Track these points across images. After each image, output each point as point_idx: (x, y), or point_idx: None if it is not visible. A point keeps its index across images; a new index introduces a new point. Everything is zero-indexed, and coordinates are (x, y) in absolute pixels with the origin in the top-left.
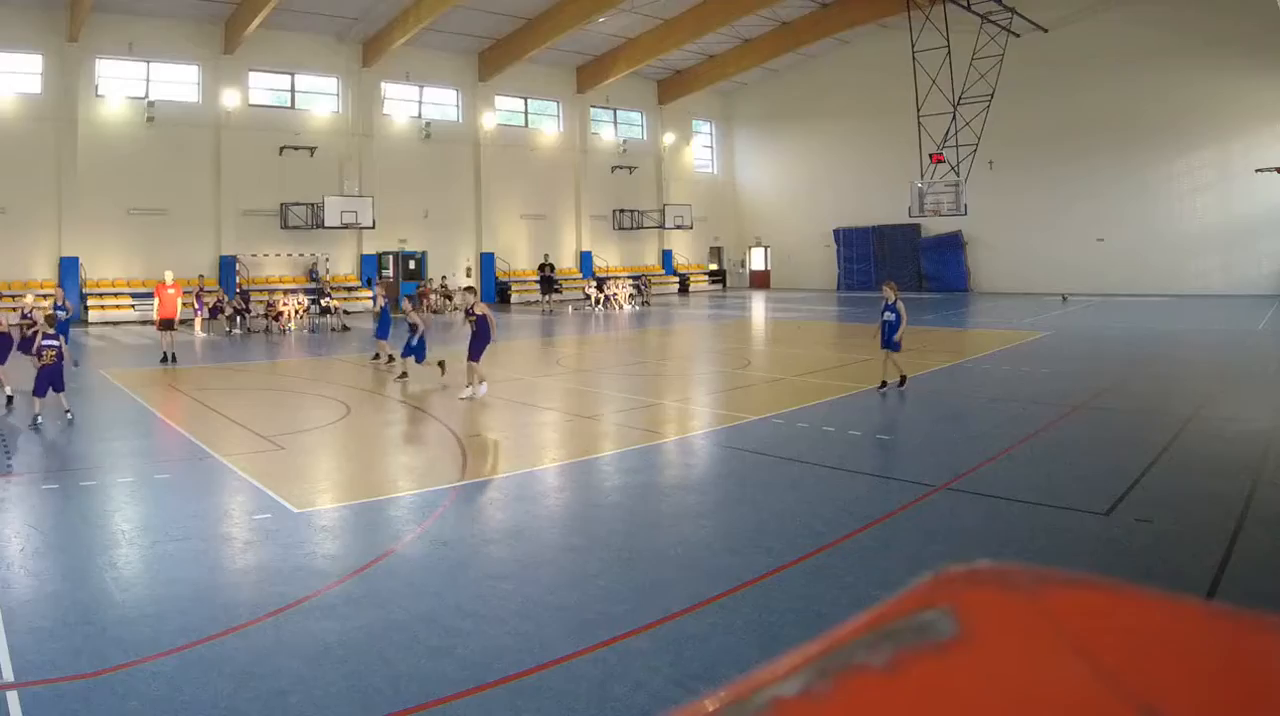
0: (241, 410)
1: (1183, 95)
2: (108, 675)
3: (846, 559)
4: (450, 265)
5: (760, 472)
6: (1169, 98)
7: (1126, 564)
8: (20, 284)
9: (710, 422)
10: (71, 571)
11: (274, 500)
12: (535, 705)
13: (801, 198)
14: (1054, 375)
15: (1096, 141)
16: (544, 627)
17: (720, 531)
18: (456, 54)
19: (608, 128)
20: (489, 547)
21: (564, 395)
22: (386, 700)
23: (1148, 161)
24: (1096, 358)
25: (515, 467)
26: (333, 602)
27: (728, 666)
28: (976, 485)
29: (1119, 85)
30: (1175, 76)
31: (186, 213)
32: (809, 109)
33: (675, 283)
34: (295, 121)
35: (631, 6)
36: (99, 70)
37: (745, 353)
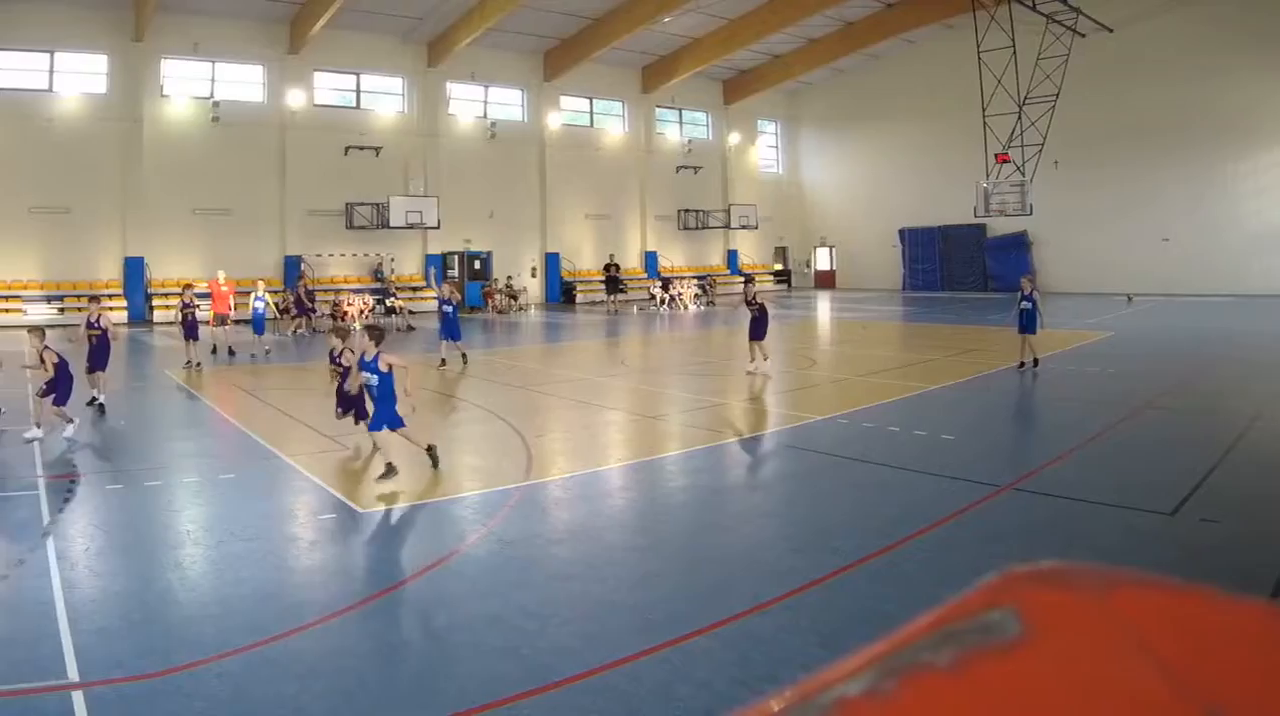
0: (307, 409)
1: (1248, 94)
2: (173, 675)
3: (911, 559)
4: (515, 265)
5: (825, 473)
6: (1234, 96)
7: (1192, 564)
8: (86, 284)
9: (775, 422)
10: (137, 571)
11: (339, 500)
12: (600, 705)
13: (867, 198)
14: (1119, 375)
15: (1162, 140)
16: (609, 628)
17: (785, 531)
18: (522, 54)
19: (673, 128)
20: (554, 548)
21: (628, 395)
22: (451, 700)
23: (1213, 161)
24: (1161, 357)
25: (580, 467)
26: (398, 603)
27: (792, 666)
28: (1042, 485)
29: (1184, 84)
30: (1240, 75)
31: (251, 213)
32: (874, 109)
33: (740, 283)
34: (360, 121)
35: (697, 6)
36: (164, 70)
37: (810, 352)
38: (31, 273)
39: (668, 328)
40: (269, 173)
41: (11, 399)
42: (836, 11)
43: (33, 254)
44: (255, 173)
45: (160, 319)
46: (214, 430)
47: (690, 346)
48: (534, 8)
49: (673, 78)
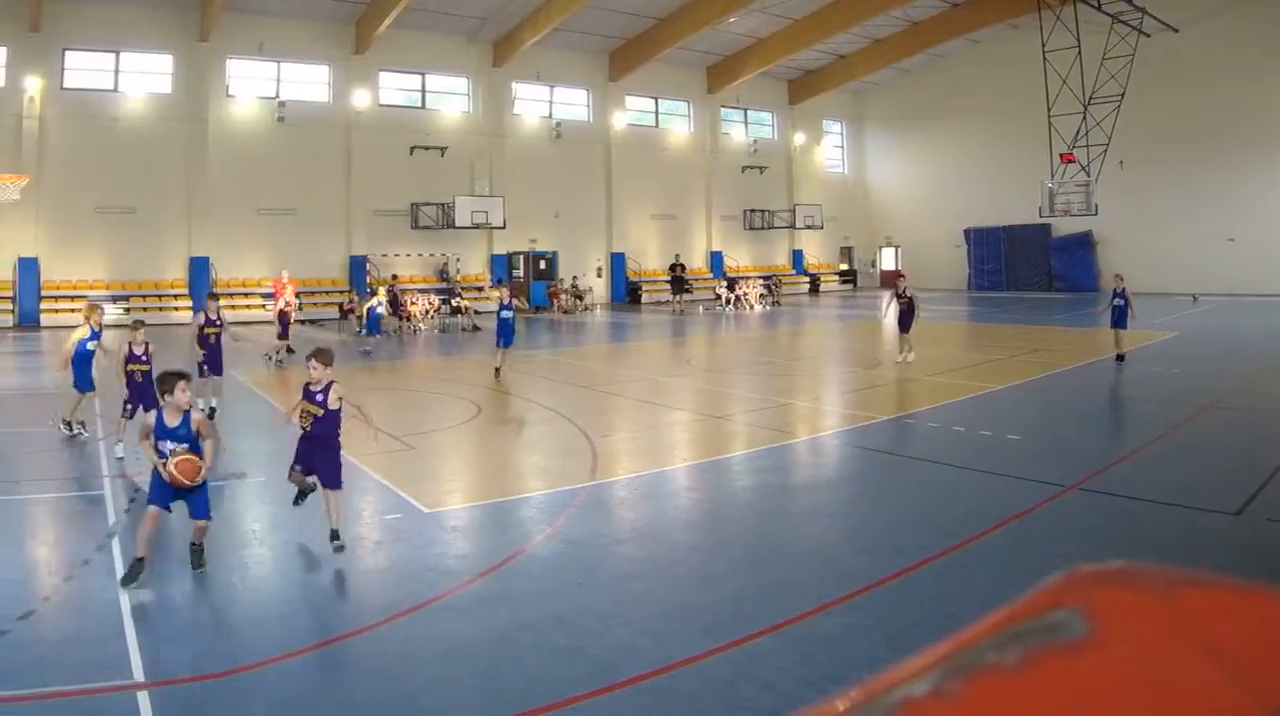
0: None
1: None
2: (237, 675)
3: (977, 559)
4: (581, 265)
5: (890, 472)
6: None
7: (1258, 564)
8: (151, 284)
9: (840, 422)
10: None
11: (404, 500)
12: (665, 705)
13: (932, 197)
14: (1184, 375)
15: (1227, 140)
16: (674, 628)
17: (850, 531)
18: (587, 54)
19: (738, 128)
20: (619, 547)
21: (694, 395)
22: (517, 700)
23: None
24: (1227, 358)
25: (645, 467)
26: (463, 603)
27: (858, 666)
28: (1107, 485)
29: (1249, 84)
30: None
31: (316, 213)
32: (939, 109)
33: (806, 283)
34: (426, 121)
35: (762, 6)
36: (229, 70)
37: (875, 352)
38: (97, 273)
39: (733, 328)
40: (334, 173)
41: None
42: (902, 11)
43: (98, 254)
44: (320, 173)
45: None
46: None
47: (755, 346)
48: (599, 7)
49: (738, 78)
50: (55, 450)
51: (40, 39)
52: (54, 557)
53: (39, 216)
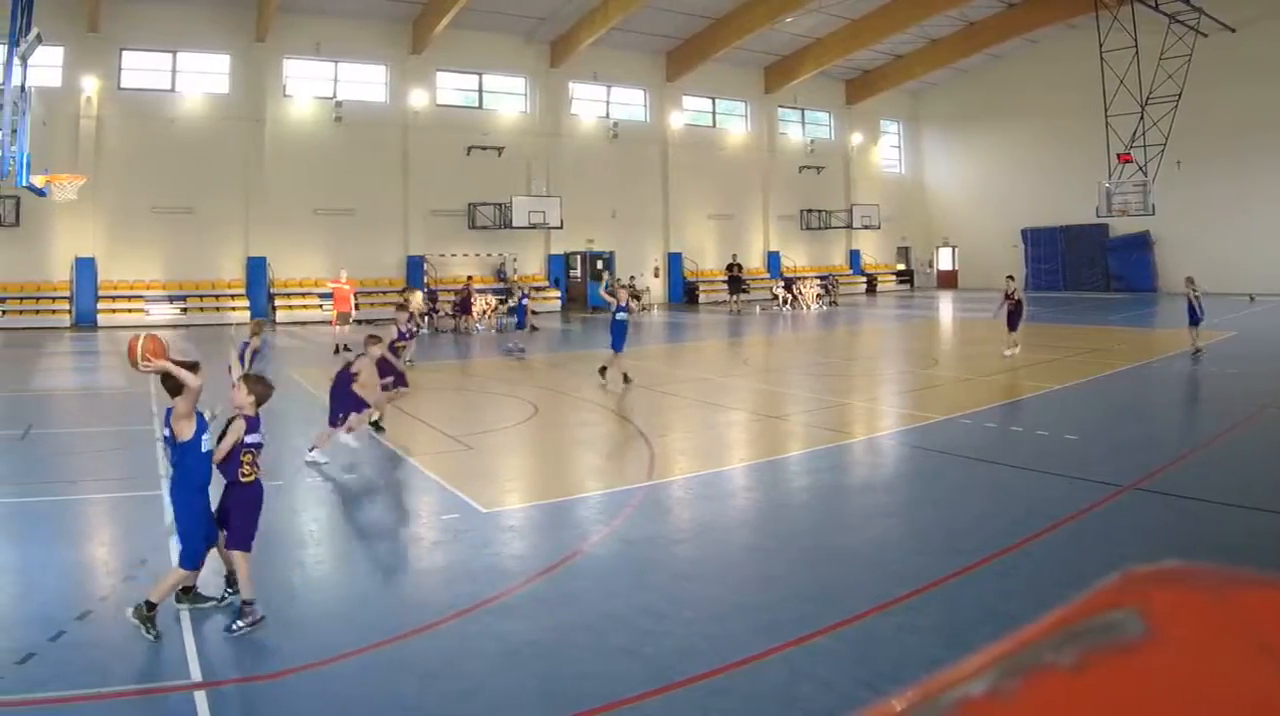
0: (429, 410)
1: None
2: (294, 675)
3: (1034, 559)
4: (638, 265)
5: (947, 473)
6: None
7: None
8: (209, 284)
9: (897, 422)
10: (259, 571)
11: (462, 500)
12: (722, 705)
13: (989, 198)
14: (1242, 375)
15: None
16: (731, 628)
17: (907, 531)
18: (644, 54)
19: (795, 128)
20: (676, 547)
21: (751, 395)
22: (573, 700)
23: None
24: None
25: (702, 467)
26: (520, 602)
27: (915, 666)
28: (1165, 485)
29: None
30: None
31: (374, 213)
32: (997, 109)
33: (863, 282)
34: (483, 121)
35: (819, 6)
36: (286, 70)
37: (932, 352)
38: (154, 273)
39: (790, 328)
40: (391, 173)
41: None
42: (959, 11)
43: (155, 254)
44: (378, 173)
45: (282, 319)
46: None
47: (812, 346)
48: (656, 7)
49: (795, 78)
50: (113, 450)
51: (98, 39)
52: (111, 557)
53: (96, 216)
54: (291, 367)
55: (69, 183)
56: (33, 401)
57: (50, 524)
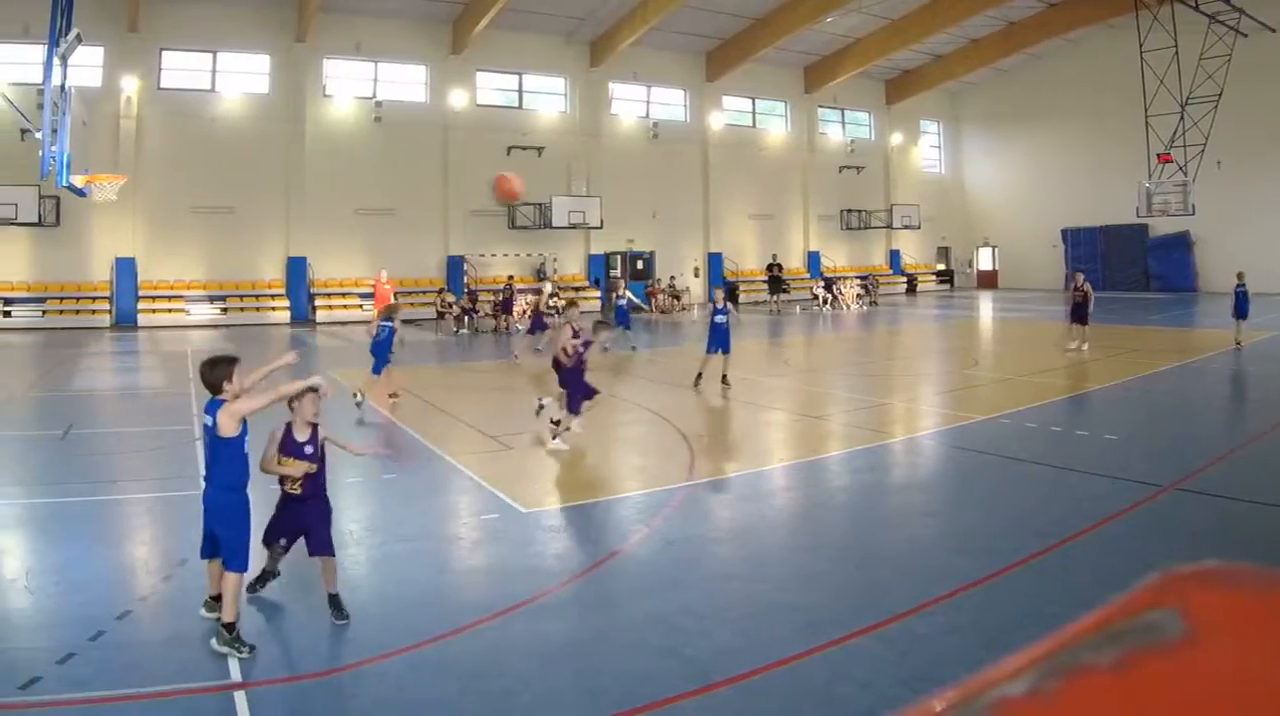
0: (469, 410)
1: None
2: (335, 675)
3: (1073, 559)
4: (678, 265)
5: (987, 472)
6: None
7: None
8: (249, 284)
9: (937, 422)
10: (298, 572)
11: (502, 500)
12: (761, 705)
13: (1028, 197)
14: None
15: None
16: (770, 628)
17: (947, 531)
18: (683, 54)
19: (835, 128)
20: (716, 547)
21: (791, 395)
22: (614, 700)
23: None
24: None
25: (742, 467)
26: (560, 602)
27: (954, 666)
28: (1205, 485)
29: None
30: None
31: (414, 213)
32: (1036, 109)
33: (903, 282)
34: (523, 121)
35: (859, 6)
36: (326, 70)
37: (972, 352)
38: (194, 273)
39: (830, 327)
40: (432, 173)
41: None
42: (999, 12)
43: (195, 254)
44: (418, 173)
45: (323, 319)
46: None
47: (852, 346)
48: (696, 8)
49: (835, 78)
50: (152, 450)
51: (138, 39)
52: (151, 557)
53: (136, 217)
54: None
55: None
56: (73, 401)
57: (90, 524)
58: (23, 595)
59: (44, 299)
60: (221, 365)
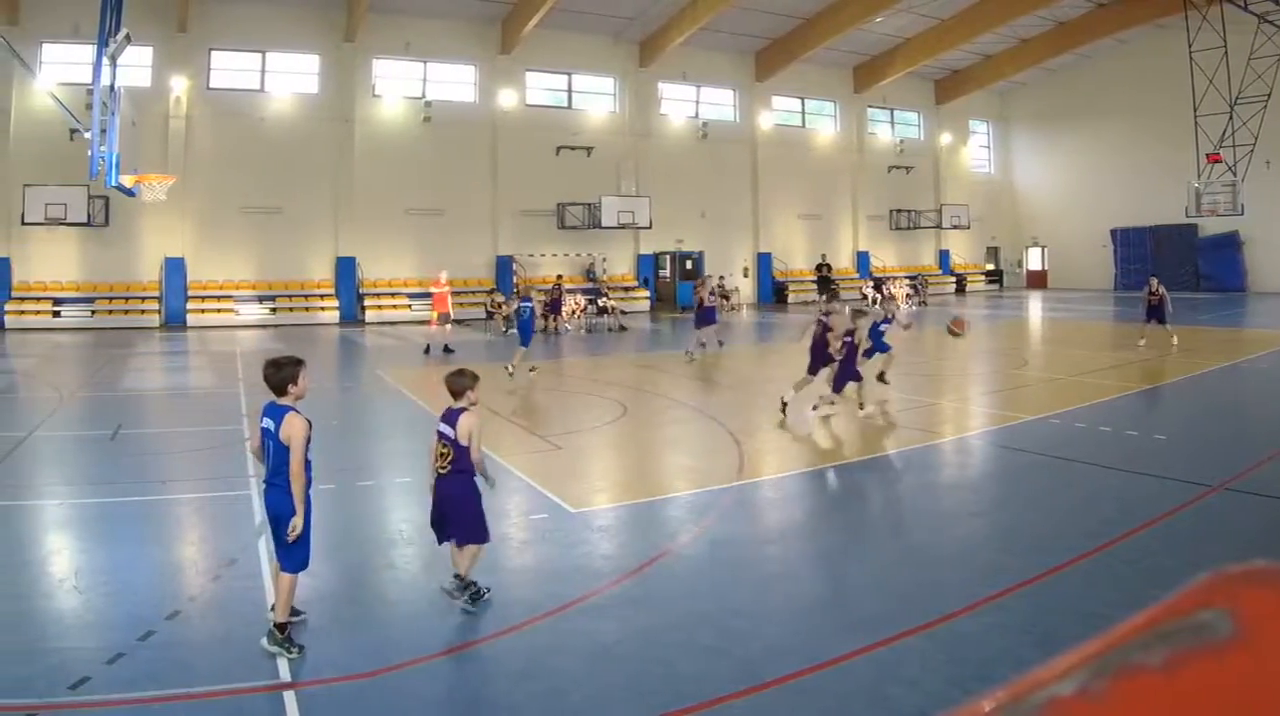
0: (518, 409)
1: None
2: (384, 675)
3: (1123, 559)
4: (727, 265)
5: (1036, 472)
6: None
7: None
8: (298, 284)
9: (986, 422)
10: (349, 572)
11: (551, 500)
12: (811, 705)
13: (1078, 197)
14: None
15: None
16: (820, 627)
17: (996, 531)
18: (733, 54)
19: (884, 128)
20: (765, 547)
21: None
22: (663, 700)
23: None
24: None
25: (791, 468)
26: (610, 602)
27: (1004, 666)
28: (1254, 484)
29: None
30: None
31: (463, 213)
32: (1085, 109)
33: (952, 282)
34: (572, 121)
35: (909, 6)
36: (375, 70)
37: (1022, 352)
38: (243, 273)
39: None
40: (481, 173)
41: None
42: (1048, 11)
43: (244, 254)
44: (467, 173)
45: (372, 319)
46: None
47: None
48: (745, 8)
49: (884, 78)
50: (201, 450)
51: (187, 39)
52: (200, 557)
53: (185, 216)
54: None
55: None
56: (122, 401)
57: (139, 524)
58: (72, 595)
59: (93, 299)
60: (287, 367)
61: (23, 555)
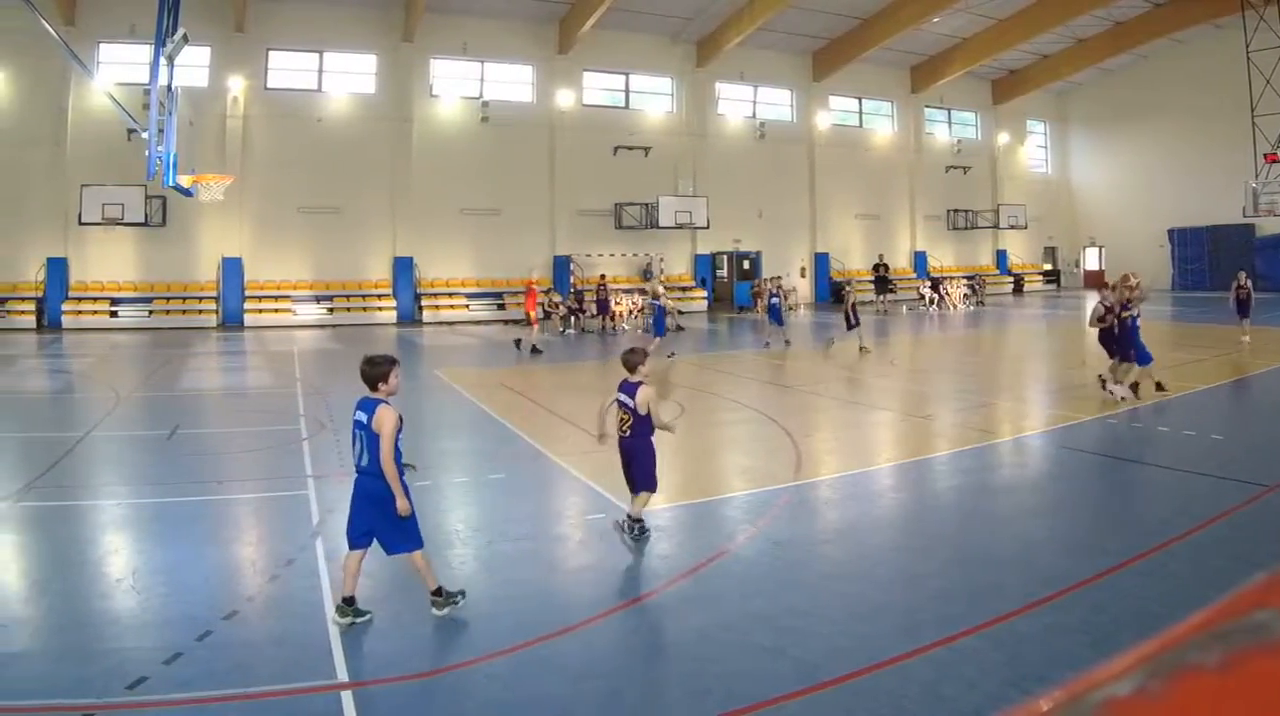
0: (575, 409)
1: None
2: (442, 675)
3: (1180, 559)
4: (785, 265)
5: (1094, 472)
6: None
7: None
8: (355, 284)
9: (1044, 422)
10: (406, 571)
11: (608, 500)
12: (868, 705)
13: (1135, 197)
14: None
15: None
16: (877, 628)
17: (1054, 531)
18: (790, 54)
19: (941, 128)
20: (822, 547)
21: (898, 395)
22: (719, 700)
23: None
24: None
25: (849, 467)
26: (667, 602)
27: (1061, 666)
28: None
29: None
30: None
31: (520, 213)
32: (1142, 109)
33: (1009, 282)
34: (629, 121)
35: (966, 6)
36: (433, 70)
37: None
38: (300, 273)
39: (936, 327)
40: (538, 173)
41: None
42: (1105, 12)
43: (301, 254)
44: (524, 173)
45: (429, 319)
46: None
47: (959, 346)
48: (803, 8)
49: (941, 78)
50: (259, 450)
51: (244, 39)
52: (258, 557)
53: (242, 216)
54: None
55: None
56: (180, 401)
57: (196, 524)
58: (130, 595)
59: (150, 299)
60: (381, 364)
61: (80, 555)
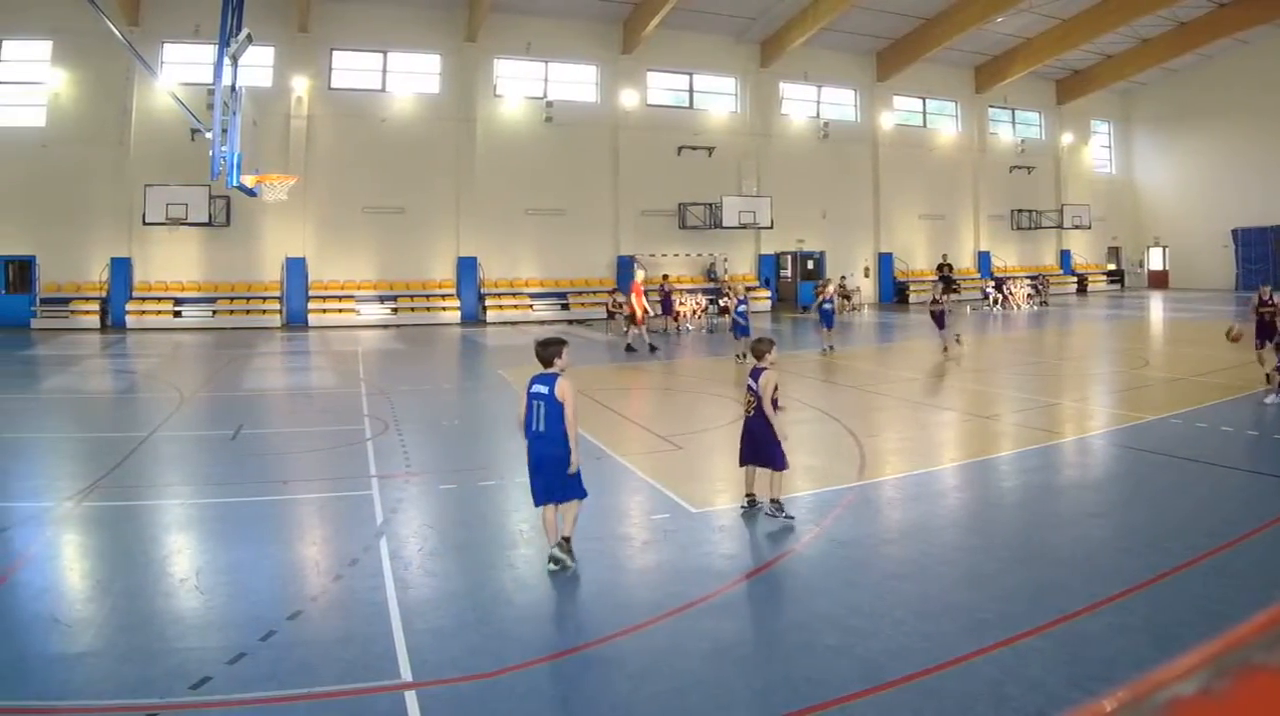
0: (639, 409)
1: None
2: (505, 675)
3: (1244, 559)
4: (848, 265)
5: (1158, 472)
6: None
7: None
8: (419, 284)
9: (1107, 422)
10: (470, 571)
11: (672, 500)
12: (933, 705)
13: (1199, 197)
14: None
15: None
16: (941, 627)
17: (1118, 531)
18: (854, 54)
19: (1005, 128)
20: (886, 547)
21: (961, 394)
22: (784, 699)
23: None
24: None
25: (912, 467)
26: (731, 602)
27: (1125, 666)
28: None
29: None
30: None
31: (584, 213)
32: (1206, 109)
33: (1073, 282)
34: (693, 121)
35: (1029, 6)
36: (497, 70)
37: (1143, 352)
38: (365, 273)
39: (1000, 327)
40: (602, 173)
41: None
42: (1170, 11)
43: (365, 254)
44: (588, 173)
45: (493, 319)
46: None
47: (1023, 346)
48: (866, 8)
49: (1005, 78)
50: (323, 450)
51: (308, 39)
52: (322, 557)
53: (306, 216)
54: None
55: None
56: (244, 401)
57: (261, 524)
58: (194, 595)
59: (214, 299)
60: (553, 345)
61: (144, 555)
